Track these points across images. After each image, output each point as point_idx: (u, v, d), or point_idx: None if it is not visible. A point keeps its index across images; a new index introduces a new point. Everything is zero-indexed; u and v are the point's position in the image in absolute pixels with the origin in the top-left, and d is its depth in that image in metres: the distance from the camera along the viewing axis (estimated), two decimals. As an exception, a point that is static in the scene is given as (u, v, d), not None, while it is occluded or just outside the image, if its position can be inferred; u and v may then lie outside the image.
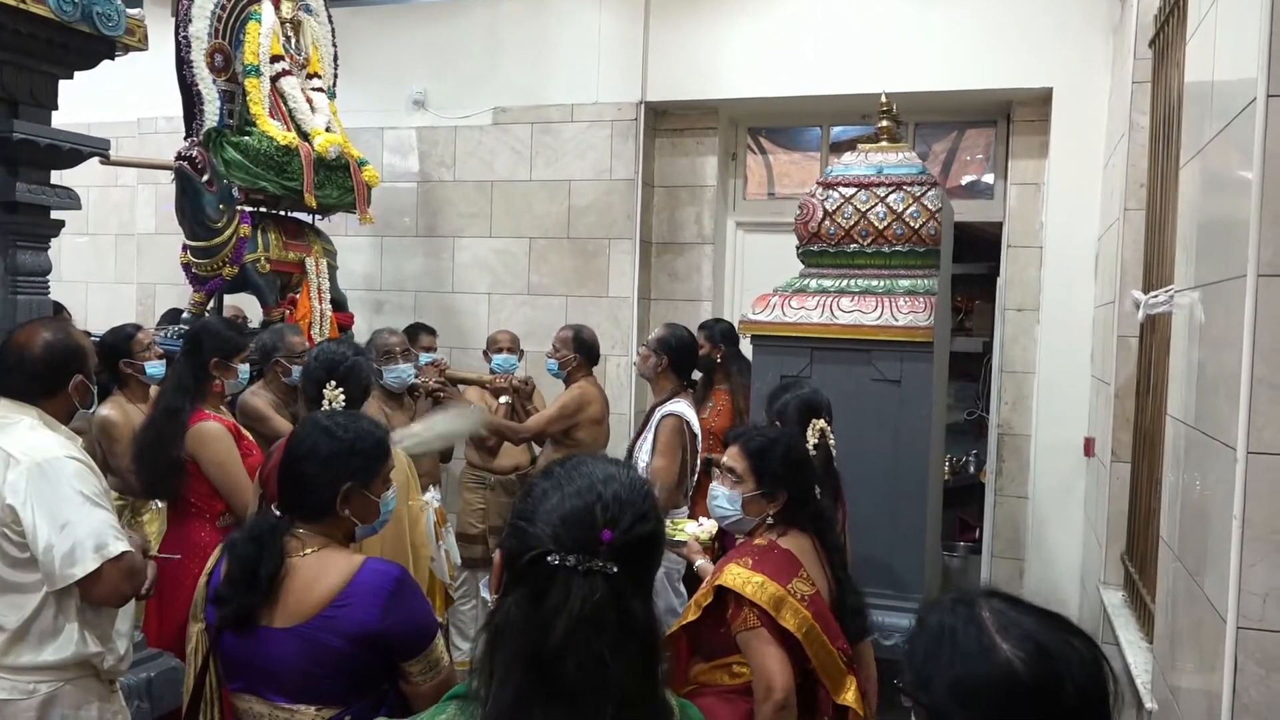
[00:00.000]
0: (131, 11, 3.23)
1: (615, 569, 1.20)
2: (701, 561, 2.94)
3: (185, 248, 4.73)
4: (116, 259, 7.36)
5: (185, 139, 4.73)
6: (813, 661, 2.40)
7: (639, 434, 4.09)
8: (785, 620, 2.33)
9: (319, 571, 1.94)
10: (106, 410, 3.66)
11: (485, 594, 1.84)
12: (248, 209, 4.87)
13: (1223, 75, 2.27)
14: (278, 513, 2.01)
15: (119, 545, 2.27)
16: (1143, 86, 3.92)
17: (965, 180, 6.09)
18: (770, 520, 2.59)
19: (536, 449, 4.89)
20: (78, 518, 2.23)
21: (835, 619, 2.50)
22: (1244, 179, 1.94)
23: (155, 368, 3.74)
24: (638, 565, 1.25)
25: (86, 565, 2.22)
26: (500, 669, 1.21)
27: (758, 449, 2.59)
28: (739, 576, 2.37)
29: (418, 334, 5.27)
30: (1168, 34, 3.55)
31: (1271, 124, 1.86)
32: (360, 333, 5.45)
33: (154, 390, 3.74)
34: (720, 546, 3.21)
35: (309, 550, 1.98)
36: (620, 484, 1.27)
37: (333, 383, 2.89)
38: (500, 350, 4.99)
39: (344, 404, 2.89)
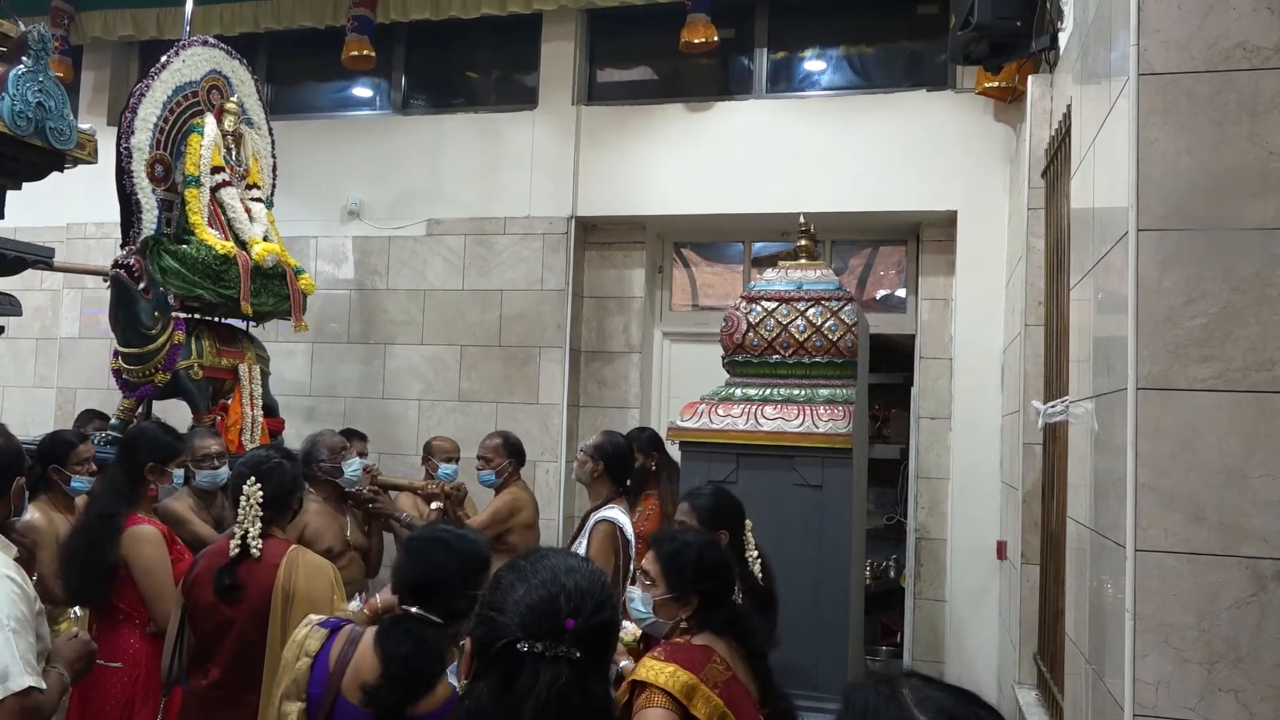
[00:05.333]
0: (82, 127, 3.34)
1: (579, 654, 1.30)
2: (625, 663, 2.98)
3: (116, 353, 4.70)
4: (36, 362, 7.25)
5: (122, 247, 4.75)
6: None
7: (574, 538, 4.15)
8: (696, 709, 2.31)
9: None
10: (34, 514, 3.56)
11: (453, 680, 1.91)
12: (182, 316, 4.90)
13: (1101, 208, 2.52)
14: (414, 611, 2.12)
15: (25, 680, 2.15)
16: (1037, 213, 4.23)
17: (880, 294, 6.40)
18: (684, 625, 2.58)
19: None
20: None
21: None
22: (1122, 301, 2.16)
23: (82, 483, 3.66)
24: (598, 650, 1.36)
25: None
26: None
27: (669, 552, 2.59)
28: (652, 669, 2.38)
29: (350, 440, 5.28)
30: (1056, 167, 3.87)
31: (1142, 254, 2.10)
32: (291, 439, 5.43)
33: (79, 500, 3.66)
34: (644, 649, 3.25)
35: None
36: (581, 575, 1.39)
37: (253, 479, 2.86)
38: (448, 459, 5.01)
39: (261, 501, 2.85)
